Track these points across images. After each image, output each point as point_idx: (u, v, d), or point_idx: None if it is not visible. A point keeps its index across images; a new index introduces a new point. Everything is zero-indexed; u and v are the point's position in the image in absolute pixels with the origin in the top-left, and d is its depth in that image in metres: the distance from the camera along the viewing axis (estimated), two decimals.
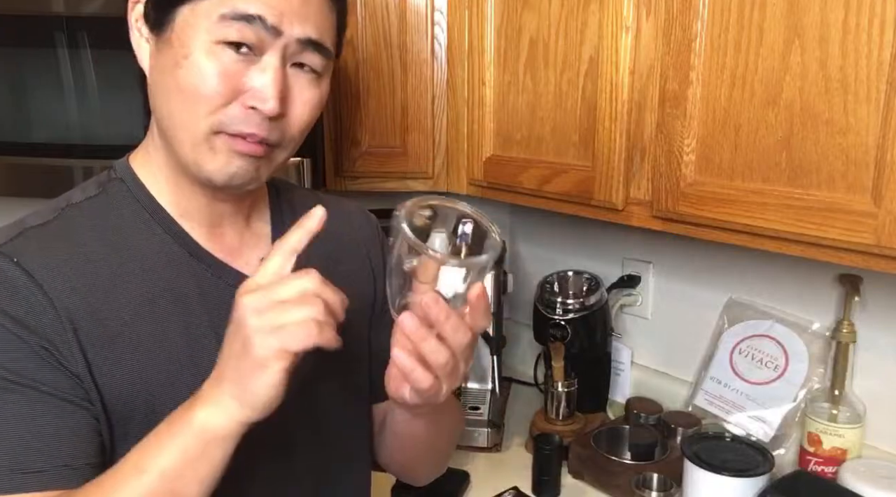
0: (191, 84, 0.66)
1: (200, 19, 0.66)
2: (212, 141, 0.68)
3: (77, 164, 1.34)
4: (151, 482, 0.61)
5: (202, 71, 0.66)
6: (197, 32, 0.66)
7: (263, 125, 0.68)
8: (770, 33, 0.89)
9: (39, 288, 0.66)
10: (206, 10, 0.66)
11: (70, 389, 0.66)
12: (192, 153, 0.69)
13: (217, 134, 0.68)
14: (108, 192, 0.75)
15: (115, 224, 0.73)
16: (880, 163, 0.80)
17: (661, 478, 1.17)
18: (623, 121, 1.08)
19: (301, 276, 0.61)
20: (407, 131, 1.41)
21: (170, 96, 0.68)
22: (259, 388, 0.60)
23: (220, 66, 0.66)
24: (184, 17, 0.66)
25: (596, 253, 1.61)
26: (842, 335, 1.16)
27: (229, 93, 0.67)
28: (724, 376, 1.34)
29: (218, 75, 0.66)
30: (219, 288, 0.75)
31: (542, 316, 1.44)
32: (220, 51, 0.66)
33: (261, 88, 0.67)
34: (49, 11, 1.28)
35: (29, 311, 0.65)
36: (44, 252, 0.68)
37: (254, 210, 0.82)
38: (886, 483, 1.05)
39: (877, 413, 1.16)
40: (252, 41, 0.66)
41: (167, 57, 0.68)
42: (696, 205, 1.00)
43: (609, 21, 1.07)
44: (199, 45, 0.66)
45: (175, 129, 0.69)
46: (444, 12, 1.36)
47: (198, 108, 0.67)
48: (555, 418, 1.43)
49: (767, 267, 1.30)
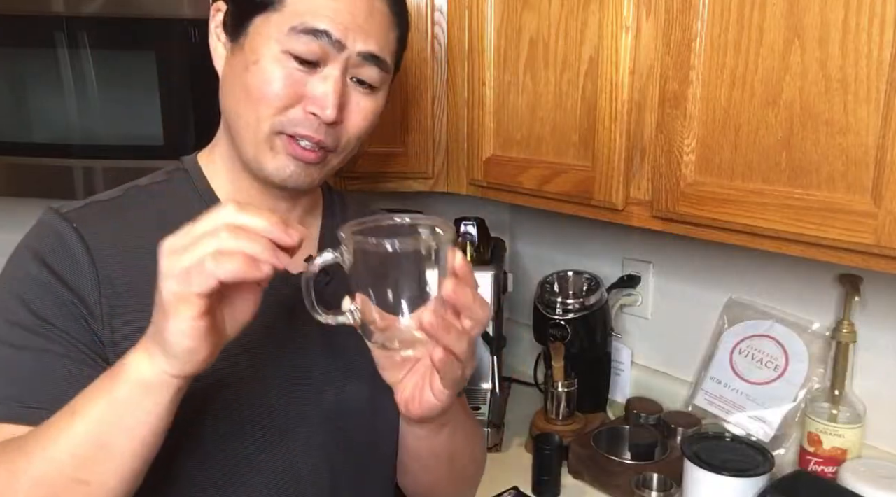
0: (257, 87, 0.72)
1: (272, 29, 0.72)
2: (272, 141, 0.74)
3: (77, 164, 1.34)
4: (80, 426, 0.60)
5: (269, 75, 0.72)
6: (267, 41, 0.72)
7: (321, 130, 0.74)
8: (770, 33, 0.89)
9: (87, 252, 0.71)
10: (277, 21, 0.72)
11: (87, 345, 0.70)
12: (253, 151, 0.75)
13: (278, 134, 0.74)
14: (172, 180, 0.81)
15: (171, 209, 0.77)
16: (880, 163, 0.80)
17: (661, 478, 1.17)
18: (623, 121, 1.08)
19: (216, 208, 0.57)
20: (407, 131, 1.41)
21: (237, 97, 0.74)
22: (172, 337, 0.57)
23: (285, 72, 0.72)
24: (256, 26, 0.73)
25: (596, 253, 1.61)
26: (842, 335, 1.16)
27: (292, 97, 0.73)
28: (724, 376, 1.34)
29: (283, 80, 0.72)
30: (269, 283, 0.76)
31: (542, 316, 1.44)
32: (286, 59, 0.72)
33: (321, 96, 0.73)
34: (49, 11, 1.28)
35: (71, 268, 0.71)
36: (100, 222, 0.75)
37: (307, 211, 0.86)
38: (886, 483, 1.05)
39: (877, 413, 1.16)
40: (317, 53, 0.72)
41: (239, 61, 0.74)
42: (696, 205, 1.00)
43: (609, 21, 1.07)
44: (268, 52, 0.72)
45: (240, 128, 0.75)
46: (444, 12, 1.36)
47: (261, 109, 0.73)
48: (555, 418, 1.43)
49: (767, 267, 1.30)
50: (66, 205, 0.76)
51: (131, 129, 1.32)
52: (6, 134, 1.36)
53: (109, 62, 1.32)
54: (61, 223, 0.73)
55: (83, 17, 1.27)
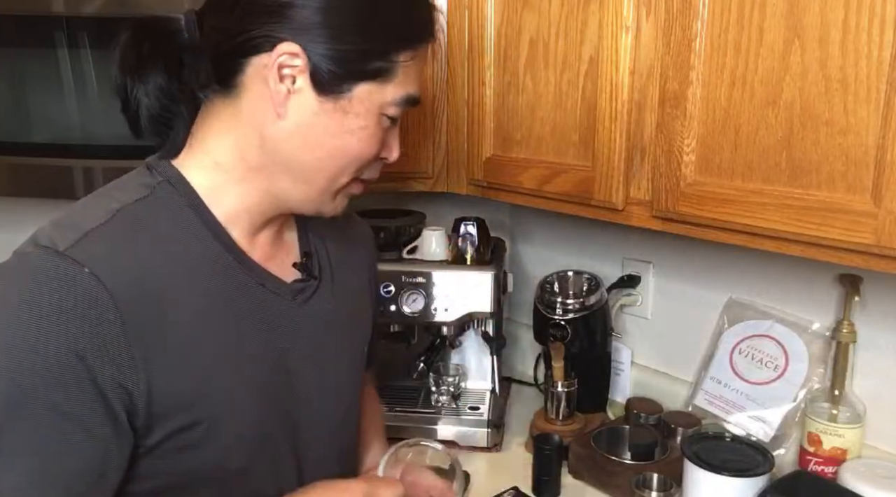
0: (360, 149, 0.76)
1: (384, 98, 0.75)
2: (342, 188, 0.79)
3: (77, 164, 1.34)
4: None
5: (374, 140, 0.76)
6: (375, 106, 0.75)
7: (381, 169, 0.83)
8: (770, 33, 0.89)
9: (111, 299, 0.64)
10: (391, 92, 0.75)
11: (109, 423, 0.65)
12: (318, 197, 0.78)
13: (349, 181, 0.79)
14: (158, 195, 0.74)
15: (168, 229, 0.73)
16: (880, 163, 0.80)
17: (661, 478, 1.17)
18: (623, 121, 1.08)
19: None
20: (406, 131, 1.41)
21: (326, 153, 0.75)
22: None
23: (382, 133, 0.77)
24: (364, 92, 0.74)
25: (596, 253, 1.61)
26: (842, 335, 1.16)
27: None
28: (724, 376, 1.34)
29: (379, 141, 0.77)
30: (263, 294, 0.78)
31: (542, 316, 1.44)
32: (384, 121, 0.76)
33: (396, 145, 0.81)
34: (49, 11, 1.28)
35: (103, 343, 0.64)
36: (110, 258, 0.66)
37: (286, 219, 0.86)
38: (886, 483, 1.05)
39: (877, 413, 1.16)
40: None
41: (336, 120, 0.74)
42: (696, 205, 1.00)
43: (609, 21, 1.07)
44: (375, 118, 0.75)
45: (315, 180, 0.77)
46: (444, 12, 1.36)
47: (351, 166, 0.77)
48: (555, 418, 1.43)
49: (767, 267, 1.30)
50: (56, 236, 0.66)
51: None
52: (6, 134, 1.36)
53: (109, 62, 1.31)
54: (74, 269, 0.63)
55: (83, 17, 1.27)
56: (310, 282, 0.84)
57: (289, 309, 0.80)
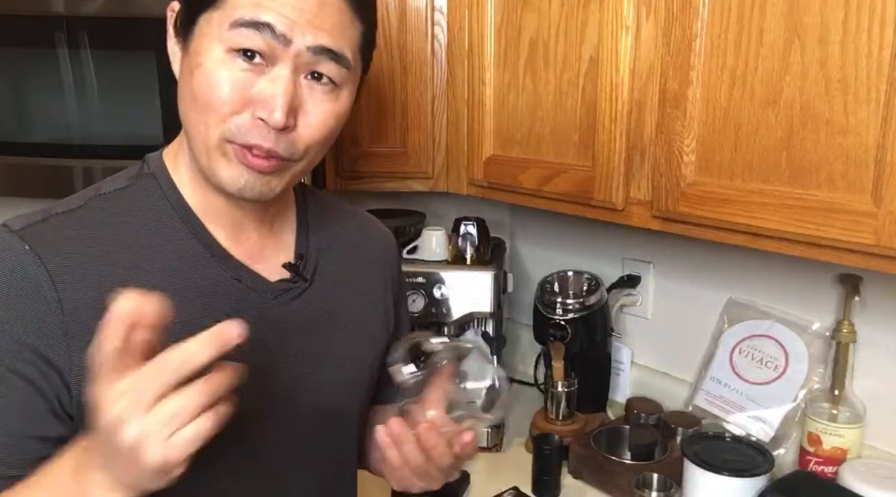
0: (203, 92, 0.67)
1: (214, 28, 0.66)
2: (223, 148, 0.68)
3: (77, 164, 1.34)
4: None
5: (213, 79, 0.66)
6: (211, 41, 0.67)
7: (270, 137, 0.67)
8: (770, 33, 0.89)
9: (50, 280, 0.66)
10: (218, 18, 0.66)
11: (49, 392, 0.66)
12: (206, 160, 0.70)
13: (228, 142, 0.68)
14: (138, 186, 0.75)
15: (140, 220, 0.73)
16: (880, 163, 0.80)
17: (661, 478, 1.17)
18: (623, 121, 1.08)
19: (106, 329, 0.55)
20: (407, 131, 1.41)
21: (187, 104, 0.69)
22: (148, 483, 0.55)
23: (229, 74, 0.66)
24: (200, 26, 0.68)
25: (596, 253, 1.61)
26: (842, 335, 1.16)
27: (239, 102, 0.67)
28: (724, 376, 1.34)
29: (227, 83, 0.66)
30: (238, 290, 0.75)
31: (542, 316, 1.44)
32: (230, 60, 0.66)
33: (269, 99, 0.66)
34: (49, 11, 1.28)
35: (34, 306, 0.65)
36: (62, 241, 0.68)
37: (279, 217, 0.82)
38: (886, 483, 1.05)
39: (877, 413, 1.16)
40: (262, 49, 0.66)
41: (186, 65, 0.69)
42: (696, 205, 1.00)
43: (609, 21, 1.07)
44: (211, 53, 0.66)
45: (192, 136, 0.70)
46: (444, 12, 1.36)
47: (209, 116, 0.67)
48: (555, 418, 1.43)
49: (767, 267, 1.30)
50: (21, 219, 0.69)
51: (131, 129, 1.32)
52: (6, 134, 1.36)
53: (109, 62, 1.31)
54: (18, 245, 0.66)
55: (83, 17, 1.27)
56: (297, 283, 0.80)
57: (269, 308, 0.77)
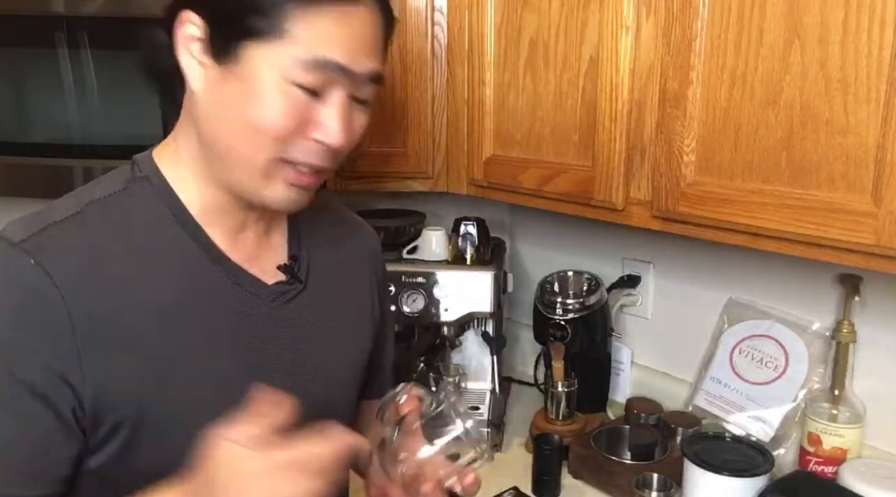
0: (260, 118, 0.67)
1: (273, 59, 0.66)
2: (269, 169, 0.70)
3: (77, 164, 1.34)
4: None
5: (274, 108, 0.67)
6: (269, 71, 0.66)
7: (324, 156, 0.71)
8: (770, 33, 0.89)
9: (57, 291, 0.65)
10: (280, 52, 0.66)
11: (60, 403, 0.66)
12: (248, 180, 0.71)
13: (275, 162, 0.69)
14: (133, 190, 0.74)
15: (138, 225, 0.72)
16: (880, 163, 0.80)
17: (661, 478, 1.17)
18: (623, 121, 1.08)
19: None
20: (407, 131, 1.41)
21: (232, 126, 0.69)
22: None
23: (290, 102, 0.67)
24: (251, 53, 0.67)
25: (596, 253, 1.61)
26: (842, 335, 1.16)
27: (297, 128, 0.68)
28: (724, 376, 1.34)
29: (289, 111, 0.67)
30: (238, 294, 0.76)
31: (542, 316, 1.44)
32: (289, 88, 0.67)
33: (330, 124, 0.69)
34: (49, 11, 1.28)
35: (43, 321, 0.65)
36: (64, 252, 0.67)
37: (273, 219, 0.83)
38: (886, 483, 1.05)
39: (877, 413, 1.16)
40: (323, 82, 0.68)
41: (234, 89, 0.68)
42: (696, 205, 1.00)
43: (609, 21, 1.07)
44: (269, 82, 0.66)
45: (233, 158, 0.70)
46: (444, 12, 1.36)
47: (264, 142, 0.68)
48: (555, 418, 1.43)
49: (767, 267, 1.30)
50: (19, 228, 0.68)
51: (131, 129, 1.32)
52: (6, 134, 1.36)
53: (109, 62, 1.31)
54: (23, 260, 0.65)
55: (83, 17, 1.27)
56: (293, 285, 0.81)
57: (268, 311, 0.78)
